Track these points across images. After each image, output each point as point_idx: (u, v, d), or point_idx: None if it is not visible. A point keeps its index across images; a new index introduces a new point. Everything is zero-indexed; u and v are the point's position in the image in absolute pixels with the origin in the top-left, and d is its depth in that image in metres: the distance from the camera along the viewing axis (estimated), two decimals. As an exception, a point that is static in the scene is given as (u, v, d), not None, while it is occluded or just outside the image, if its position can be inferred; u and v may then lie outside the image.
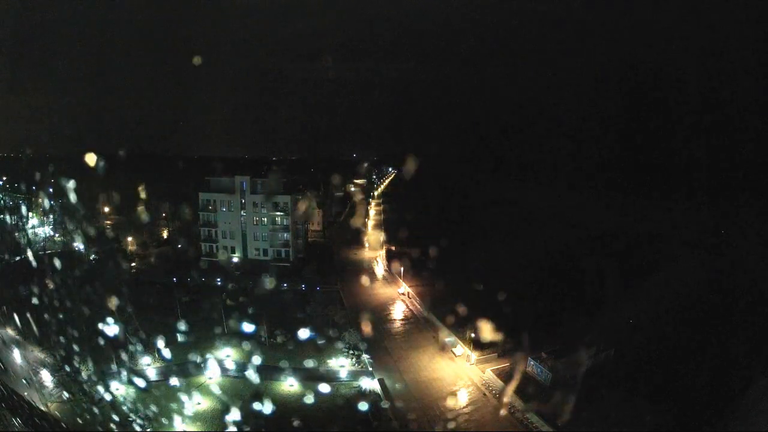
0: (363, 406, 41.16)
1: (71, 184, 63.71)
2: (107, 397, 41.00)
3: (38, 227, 79.13)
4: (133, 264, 76.88)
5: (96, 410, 38.93)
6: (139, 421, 38.81)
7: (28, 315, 45.79)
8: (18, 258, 67.88)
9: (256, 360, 47.44)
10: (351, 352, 49.10)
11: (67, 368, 42.43)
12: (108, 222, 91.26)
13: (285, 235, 79.78)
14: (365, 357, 48.13)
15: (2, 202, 78.92)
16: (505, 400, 41.29)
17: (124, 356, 46.09)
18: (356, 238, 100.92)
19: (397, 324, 59.41)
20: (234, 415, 38.93)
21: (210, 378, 45.32)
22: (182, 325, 50.34)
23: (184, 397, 41.60)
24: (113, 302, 48.09)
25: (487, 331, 48.50)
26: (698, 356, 44.99)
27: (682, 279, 62.82)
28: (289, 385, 44.26)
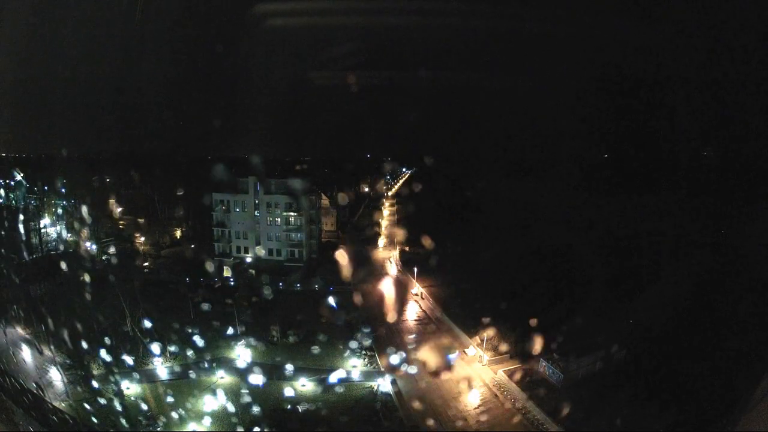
0: (374, 405, 40.72)
1: (84, 184, 64.00)
2: (118, 396, 40.78)
3: (50, 227, 79.69)
4: (146, 264, 76.97)
5: (107, 409, 38.78)
6: (149, 420, 38.61)
7: (40, 314, 45.87)
8: (30, 257, 68.00)
9: (268, 360, 47.20)
10: (363, 352, 48.53)
11: (78, 367, 42.29)
12: (121, 222, 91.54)
13: (298, 235, 79.29)
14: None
15: (14, 201, 79.54)
16: (517, 400, 40.96)
17: (135, 355, 46.00)
18: (370, 238, 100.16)
19: (410, 324, 58.53)
20: (243, 415, 38.55)
21: (221, 378, 44.92)
22: (194, 325, 50.14)
23: (194, 396, 41.33)
24: (125, 302, 48.05)
25: (499, 331, 48.31)
26: (701, 356, 43.88)
27: (684, 278, 61.51)
28: (301, 385, 43.65)
